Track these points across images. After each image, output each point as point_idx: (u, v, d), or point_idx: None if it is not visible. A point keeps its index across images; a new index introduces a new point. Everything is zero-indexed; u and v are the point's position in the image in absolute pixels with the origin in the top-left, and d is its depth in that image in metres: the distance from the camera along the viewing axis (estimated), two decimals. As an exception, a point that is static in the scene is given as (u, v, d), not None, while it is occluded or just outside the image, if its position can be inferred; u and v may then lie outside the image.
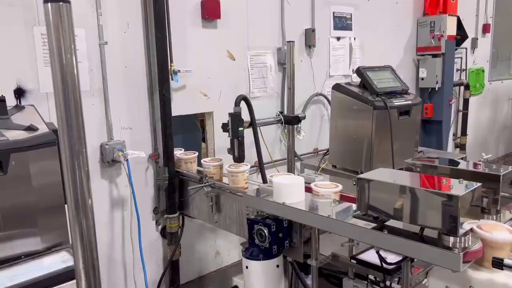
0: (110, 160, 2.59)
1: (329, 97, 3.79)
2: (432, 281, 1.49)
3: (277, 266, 1.97)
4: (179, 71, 2.82)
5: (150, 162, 2.84)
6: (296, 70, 2.97)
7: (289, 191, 1.79)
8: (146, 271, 2.68)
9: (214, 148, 3.20)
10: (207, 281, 3.23)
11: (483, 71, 6.03)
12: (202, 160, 2.54)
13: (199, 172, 2.70)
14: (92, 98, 2.53)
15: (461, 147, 5.59)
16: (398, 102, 2.82)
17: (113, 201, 2.70)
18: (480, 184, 1.35)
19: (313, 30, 3.73)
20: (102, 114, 2.58)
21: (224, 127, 2.44)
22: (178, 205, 2.79)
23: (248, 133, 2.59)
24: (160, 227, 2.94)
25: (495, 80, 6.56)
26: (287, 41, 2.92)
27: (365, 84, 2.89)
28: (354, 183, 1.62)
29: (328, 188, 1.91)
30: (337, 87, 2.99)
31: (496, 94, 6.64)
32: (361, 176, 1.50)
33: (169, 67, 2.74)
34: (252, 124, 2.57)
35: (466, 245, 1.30)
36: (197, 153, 2.80)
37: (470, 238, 1.33)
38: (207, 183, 2.45)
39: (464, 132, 5.63)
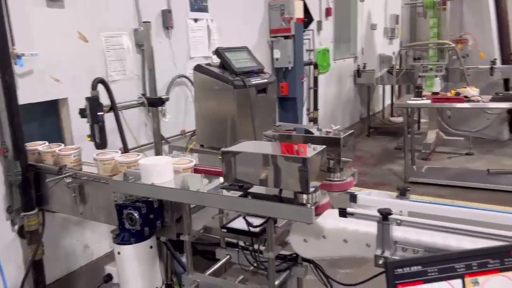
0: None
1: (192, 79, 3.84)
2: (292, 236, 1.67)
3: (151, 247, 1.98)
4: (23, 54, 2.57)
5: (-2, 157, 2.56)
6: (156, 52, 2.94)
7: (157, 171, 1.80)
8: (5, 276, 2.44)
9: (72, 137, 3.01)
10: (78, 276, 3.07)
11: (328, 51, 6.70)
12: (57, 150, 2.38)
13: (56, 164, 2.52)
14: None
15: (314, 121, 6.18)
16: (255, 81, 3.01)
17: (-46, 204, 2.37)
18: (325, 146, 1.55)
19: (170, 11, 3.71)
20: None
21: (82, 112, 2.32)
22: (36, 200, 2.57)
23: (110, 119, 2.50)
24: (16, 226, 2.68)
25: (338, 59, 7.37)
26: (143, 22, 2.86)
27: (224, 65, 3.01)
28: (220, 157, 1.71)
29: (182, 164, 1.99)
30: (198, 68, 3.05)
31: (340, 72, 7.46)
32: (225, 149, 1.59)
33: (11, 50, 2.48)
34: (113, 107, 2.49)
35: (317, 201, 1.48)
36: (62, 145, 2.60)
37: (319, 194, 1.52)
38: (67, 174, 2.31)
39: (315, 107, 6.23)
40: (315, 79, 6.15)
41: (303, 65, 5.57)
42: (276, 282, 1.75)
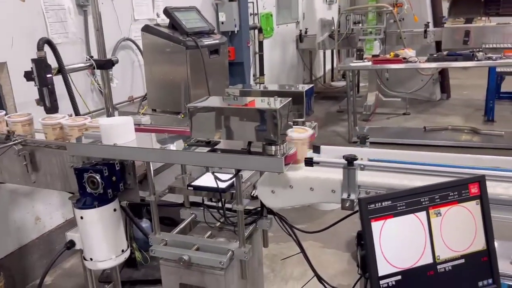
0: None
1: (138, 42, 3.70)
2: (260, 188, 1.71)
3: (114, 210, 1.95)
4: (-48, 15, 2.34)
5: None
6: (99, 12, 2.78)
7: (119, 131, 1.76)
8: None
9: (15, 105, 2.82)
10: (30, 250, 2.95)
11: (271, 15, 6.69)
12: (6, 117, 2.23)
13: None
14: None
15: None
16: (207, 41, 2.96)
17: None
18: (290, 98, 1.59)
19: (111, -30, 3.51)
20: None
21: (28, 75, 2.17)
22: (-20, 172, 2.41)
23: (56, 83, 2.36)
24: (-41, 201, 2.52)
25: (281, 24, 7.38)
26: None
27: (174, 25, 2.92)
28: (183, 116, 1.70)
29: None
30: (146, 29, 2.94)
31: (283, 37, 7.50)
32: (191, 104, 1.58)
33: None
34: (61, 70, 2.35)
35: (285, 151, 1.53)
36: (3, 112, 2.42)
37: (287, 145, 1.57)
38: (16, 141, 2.18)
39: (262, 72, 6.26)
40: (260, 44, 6.14)
41: (249, 29, 5.53)
42: (245, 235, 1.81)
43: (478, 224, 1.24)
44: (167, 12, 2.95)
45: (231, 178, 1.69)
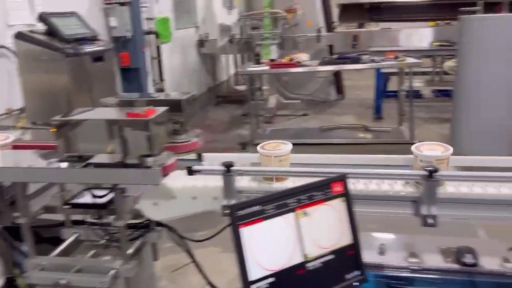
0: None
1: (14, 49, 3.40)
2: (142, 202, 1.66)
3: (-19, 237, 1.75)
4: None
5: None
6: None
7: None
8: None
9: None
10: None
11: (168, 20, 6.58)
12: None
13: None
14: None
15: (161, 91, 6.09)
16: (90, 48, 2.81)
17: None
18: (167, 108, 1.56)
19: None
20: None
21: None
22: None
23: None
24: None
25: (181, 28, 7.30)
26: None
27: (52, 32, 2.74)
28: (53, 129, 1.58)
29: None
30: (20, 36, 2.72)
31: (183, 42, 7.43)
32: (56, 118, 1.48)
33: None
34: None
35: (163, 162, 1.49)
36: None
37: (165, 155, 1.53)
38: None
39: (161, 78, 6.13)
40: (158, 49, 6.01)
41: (143, 34, 5.38)
42: (130, 251, 1.74)
43: (344, 220, 1.32)
44: (43, 17, 2.76)
45: (107, 194, 1.60)
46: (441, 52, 7.34)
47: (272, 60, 5.98)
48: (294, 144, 1.61)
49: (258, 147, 1.59)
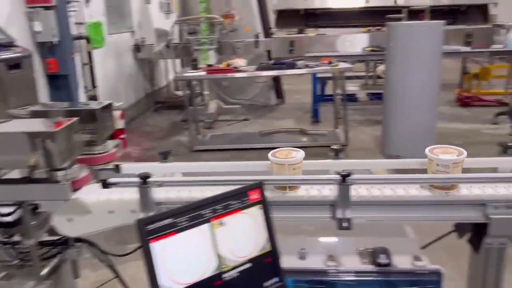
0: None
1: None
2: (55, 218, 1.56)
3: None
4: None
5: None
6: None
7: None
8: None
9: None
10: None
11: (100, 24, 6.35)
12: None
13: None
14: None
15: (94, 98, 5.85)
16: (5, 55, 2.64)
17: None
18: (76, 118, 1.48)
19: None
20: None
21: None
22: None
23: None
24: None
25: (114, 33, 7.07)
26: None
27: (-40, 37, 2.53)
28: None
29: None
30: None
31: (117, 47, 7.20)
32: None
33: None
34: None
35: (73, 176, 1.42)
36: None
37: (76, 168, 1.45)
38: None
39: (93, 84, 5.89)
40: (89, 54, 5.78)
41: (72, 39, 5.14)
42: (46, 270, 1.64)
43: (261, 228, 1.31)
44: (-51, 21, 2.54)
45: (14, 212, 1.49)
46: (373, 57, 7.67)
47: (209, 66, 5.95)
48: (233, 150, 1.58)
49: (269, 155, 1.53)
